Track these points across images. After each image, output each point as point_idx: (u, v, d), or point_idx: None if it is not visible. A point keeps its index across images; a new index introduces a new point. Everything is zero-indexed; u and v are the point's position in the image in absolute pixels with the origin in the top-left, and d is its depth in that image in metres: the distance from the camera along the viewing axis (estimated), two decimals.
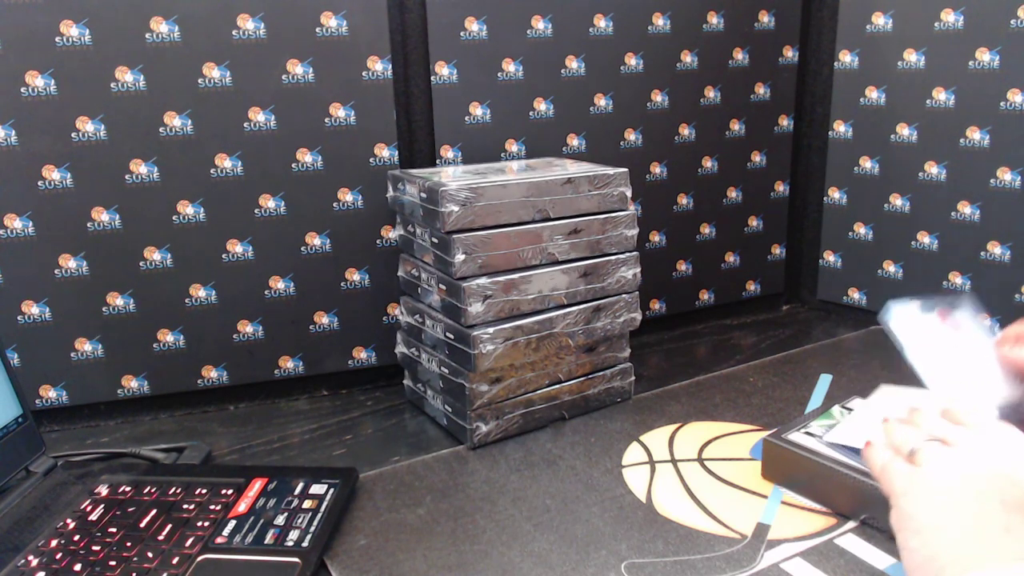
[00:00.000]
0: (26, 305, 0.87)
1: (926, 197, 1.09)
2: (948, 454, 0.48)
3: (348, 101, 0.93)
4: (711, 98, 1.12)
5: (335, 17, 0.90)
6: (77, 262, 0.88)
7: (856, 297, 1.19)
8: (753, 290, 1.24)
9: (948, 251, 1.08)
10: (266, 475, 0.75)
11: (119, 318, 0.90)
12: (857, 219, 1.17)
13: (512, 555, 0.65)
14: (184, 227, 0.90)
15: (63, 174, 0.85)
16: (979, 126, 1.02)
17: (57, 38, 0.82)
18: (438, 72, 0.96)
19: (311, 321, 0.98)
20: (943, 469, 0.47)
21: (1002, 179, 1.01)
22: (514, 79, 0.99)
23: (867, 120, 1.13)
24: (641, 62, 1.06)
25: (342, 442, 0.87)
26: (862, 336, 1.12)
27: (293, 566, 0.62)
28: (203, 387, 0.95)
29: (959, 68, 1.03)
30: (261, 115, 0.90)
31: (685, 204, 1.15)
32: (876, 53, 1.10)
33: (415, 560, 0.65)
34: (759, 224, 1.22)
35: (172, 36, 0.85)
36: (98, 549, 0.64)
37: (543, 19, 0.99)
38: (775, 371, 1.01)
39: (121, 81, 0.85)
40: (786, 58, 1.16)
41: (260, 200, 0.92)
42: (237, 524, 0.67)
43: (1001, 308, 1.03)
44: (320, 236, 0.95)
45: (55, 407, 0.91)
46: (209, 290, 0.93)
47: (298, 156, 0.92)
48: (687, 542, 0.66)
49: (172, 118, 0.87)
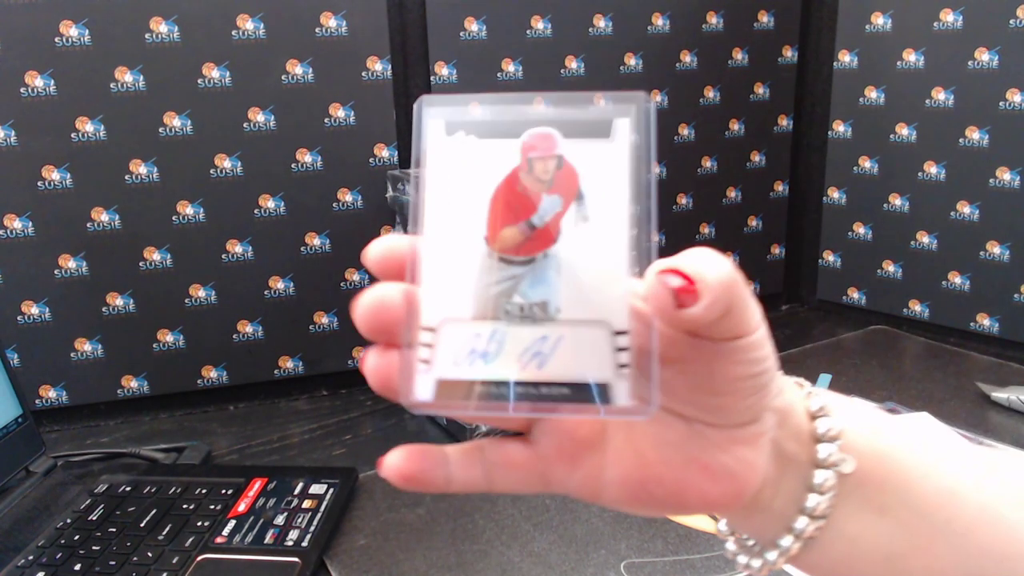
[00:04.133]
0: (26, 305, 0.87)
1: (925, 197, 1.09)
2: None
3: (348, 101, 0.93)
4: (711, 98, 1.12)
5: (335, 17, 0.90)
6: (77, 262, 0.88)
7: (856, 297, 1.19)
8: (753, 290, 1.24)
9: (947, 251, 1.08)
10: (266, 475, 0.75)
11: (119, 318, 0.90)
12: (856, 219, 1.17)
13: (512, 555, 0.65)
14: (184, 227, 0.90)
15: (63, 174, 0.85)
16: (978, 126, 1.02)
17: (57, 38, 0.82)
18: (438, 72, 0.96)
19: (311, 321, 0.98)
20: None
21: (1001, 179, 1.02)
22: (514, 79, 0.99)
23: (866, 120, 1.13)
24: (641, 62, 1.06)
25: (342, 442, 0.87)
26: (862, 336, 1.12)
27: (293, 566, 0.62)
28: (203, 387, 0.95)
29: (958, 68, 1.03)
30: (261, 115, 0.90)
31: (685, 204, 1.15)
32: (875, 53, 1.10)
33: (415, 560, 0.65)
34: (758, 224, 1.22)
35: (172, 36, 0.85)
36: (98, 549, 0.64)
37: (543, 19, 0.99)
38: None
39: (121, 81, 0.85)
40: (785, 58, 1.16)
41: (260, 200, 0.92)
42: (237, 524, 0.67)
43: (1001, 308, 1.04)
44: (320, 236, 0.95)
45: (55, 407, 0.91)
46: (209, 290, 0.93)
47: (298, 156, 0.92)
48: (687, 542, 0.66)
49: (172, 118, 0.87)
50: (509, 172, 0.27)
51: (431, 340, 0.27)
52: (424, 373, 0.27)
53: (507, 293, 0.27)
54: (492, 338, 0.27)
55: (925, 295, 1.11)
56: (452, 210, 0.28)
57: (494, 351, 0.27)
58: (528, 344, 0.27)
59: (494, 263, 0.27)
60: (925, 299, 1.11)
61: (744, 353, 0.28)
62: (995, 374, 0.96)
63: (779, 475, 0.31)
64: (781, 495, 0.31)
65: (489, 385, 0.27)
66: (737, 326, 0.27)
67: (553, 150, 0.28)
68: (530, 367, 0.27)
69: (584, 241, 0.27)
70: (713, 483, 0.30)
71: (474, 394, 0.27)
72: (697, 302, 0.25)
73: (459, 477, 0.30)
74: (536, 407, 0.27)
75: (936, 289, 1.09)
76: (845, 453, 0.31)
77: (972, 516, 0.32)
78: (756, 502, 0.31)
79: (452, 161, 0.28)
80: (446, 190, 0.27)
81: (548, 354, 0.27)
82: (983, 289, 1.05)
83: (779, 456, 0.31)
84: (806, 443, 0.31)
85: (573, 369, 0.27)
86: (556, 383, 0.27)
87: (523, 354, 0.27)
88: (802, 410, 0.32)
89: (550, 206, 0.27)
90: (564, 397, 0.27)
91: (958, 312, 1.08)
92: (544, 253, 0.27)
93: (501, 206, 0.27)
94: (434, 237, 0.27)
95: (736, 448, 0.30)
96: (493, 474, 0.30)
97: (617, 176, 0.27)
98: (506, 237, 0.27)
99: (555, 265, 0.27)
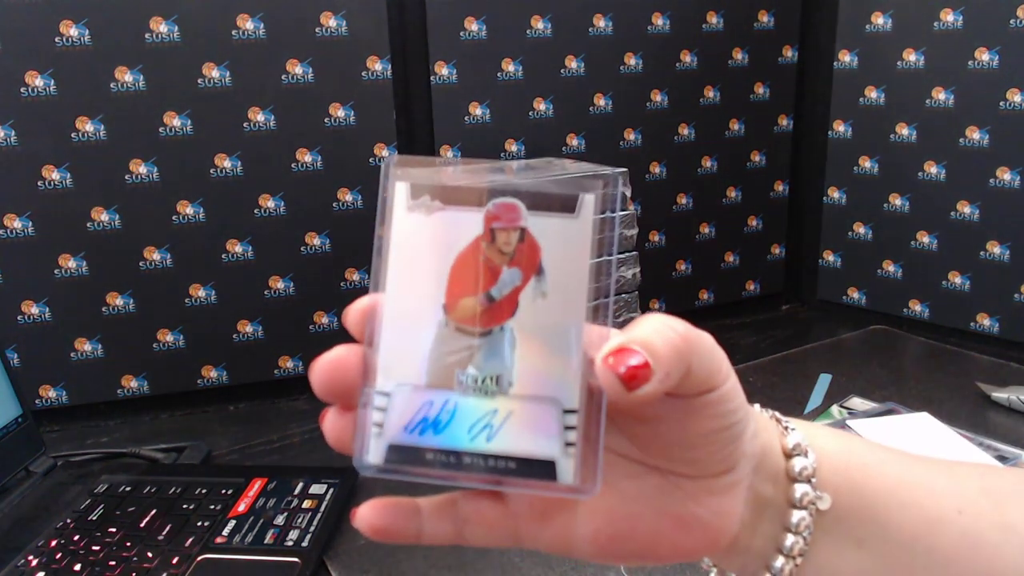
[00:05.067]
0: (26, 305, 0.87)
1: (926, 197, 1.09)
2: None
3: (348, 101, 0.93)
4: (711, 98, 1.12)
5: (335, 17, 0.90)
6: (77, 262, 0.88)
7: (856, 297, 1.19)
8: (753, 290, 1.24)
9: (948, 251, 1.08)
10: (266, 475, 0.75)
11: (119, 318, 0.90)
12: (857, 219, 1.17)
13: (512, 555, 0.65)
14: (184, 227, 0.90)
15: (63, 174, 0.85)
16: (978, 126, 1.02)
17: (57, 38, 0.82)
18: (438, 72, 0.96)
19: (311, 321, 0.98)
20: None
21: (1001, 179, 1.01)
22: (514, 79, 0.99)
23: (867, 120, 1.13)
24: (641, 62, 1.06)
25: None
26: (862, 336, 1.12)
27: (293, 566, 0.62)
28: (203, 387, 0.95)
29: (958, 68, 1.02)
30: (261, 115, 0.90)
31: (685, 204, 1.15)
32: (875, 53, 1.10)
33: (415, 560, 0.65)
34: (759, 224, 1.22)
35: (172, 36, 0.85)
36: (98, 549, 0.64)
37: (543, 19, 0.99)
38: (774, 371, 1.01)
39: (121, 81, 0.85)
40: (786, 58, 1.16)
41: (260, 200, 0.92)
42: (237, 524, 0.67)
43: (1001, 308, 1.03)
44: (320, 236, 0.95)
45: (55, 407, 0.91)
46: (209, 290, 0.93)
47: (298, 156, 0.92)
48: None
49: (172, 118, 0.87)
50: (471, 241, 0.28)
51: (385, 404, 0.27)
52: (376, 437, 0.27)
53: (462, 363, 0.27)
54: (444, 407, 0.27)
55: (925, 295, 1.11)
56: (413, 276, 0.28)
57: (445, 420, 0.27)
58: (479, 416, 0.27)
59: (451, 332, 0.27)
60: (925, 299, 1.11)
61: (715, 407, 0.28)
62: (995, 374, 0.96)
63: (756, 518, 0.31)
64: (759, 537, 0.31)
65: (439, 453, 0.27)
66: (703, 382, 0.27)
67: (517, 222, 0.28)
68: (479, 439, 0.27)
69: (541, 317, 0.27)
70: (686, 535, 0.30)
71: (424, 460, 0.27)
72: (650, 379, 0.25)
73: (430, 531, 0.30)
74: (484, 479, 0.27)
75: (936, 289, 1.09)
76: (821, 491, 0.31)
77: (953, 544, 0.31)
78: (734, 546, 0.31)
79: (415, 227, 0.28)
80: (408, 256, 0.28)
81: (498, 427, 0.27)
82: (983, 289, 1.05)
83: (756, 500, 0.31)
84: (782, 483, 0.31)
85: (522, 444, 0.27)
86: (504, 456, 0.27)
87: (474, 425, 0.27)
88: (778, 449, 0.32)
89: (509, 279, 0.28)
90: (511, 471, 0.27)
91: (958, 312, 1.08)
92: (501, 326, 0.27)
93: (461, 276, 0.28)
94: (394, 302, 0.28)
95: (711, 499, 0.30)
96: (464, 529, 0.30)
97: (579, 253, 0.27)
98: (464, 307, 0.28)
99: (510, 339, 0.27)
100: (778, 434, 0.32)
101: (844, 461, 0.32)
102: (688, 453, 0.29)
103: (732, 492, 0.30)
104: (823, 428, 0.34)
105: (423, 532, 0.30)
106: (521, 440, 0.27)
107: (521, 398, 0.27)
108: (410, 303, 0.28)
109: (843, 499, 0.31)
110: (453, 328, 0.27)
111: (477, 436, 0.27)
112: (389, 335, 0.28)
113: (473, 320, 0.27)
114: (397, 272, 0.28)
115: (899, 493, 0.32)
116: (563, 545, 0.31)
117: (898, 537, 0.31)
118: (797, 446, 0.31)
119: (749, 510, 0.31)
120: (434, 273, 0.27)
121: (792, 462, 0.31)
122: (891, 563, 0.32)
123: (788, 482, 0.31)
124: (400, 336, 0.28)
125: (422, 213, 0.28)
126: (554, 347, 0.27)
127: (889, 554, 0.32)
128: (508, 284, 0.28)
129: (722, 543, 0.31)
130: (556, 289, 0.27)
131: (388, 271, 0.28)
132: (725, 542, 0.31)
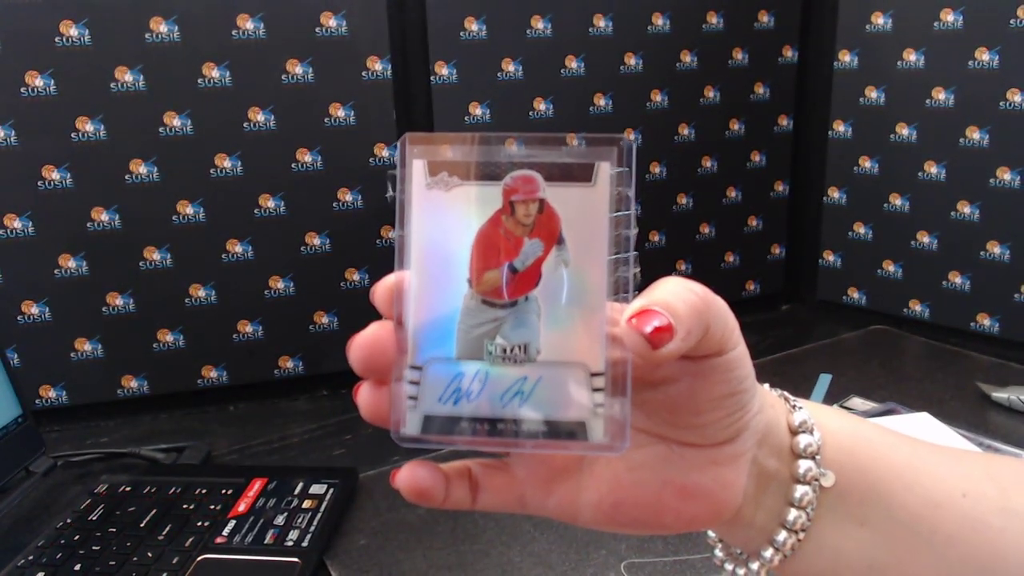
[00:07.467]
0: (26, 305, 0.87)
1: (926, 197, 1.09)
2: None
3: (348, 101, 0.93)
4: (711, 98, 1.12)
5: (335, 17, 0.90)
6: (77, 262, 0.88)
7: (856, 297, 1.19)
8: (753, 290, 1.24)
9: (948, 251, 1.08)
10: (266, 475, 0.75)
11: (119, 318, 0.90)
12: (857, 219, 1.17)
13: (512, 555, 0.65)
14: (184, 227, 0.90)
15: (63, 174, 0.85)
16: (979, 126, 1.02)
17: (57, 38, 0.82)
18: (438, 72, 0.96)
19: (311, 321, 0.98)
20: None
21: (1002, 179, 1.01)
22: (514, 79, 0.99)
23: (867, 120, 1.13)
24: (641, 62, 1.06)
25: (342, 442, 0.87)
26: (862, 336, 1.12)
27: (293, 566, 0.62)
28: (203, 387, 0.95)
29: (959, 68, 1.02)
30: (261, 115, 0.90)
31: (685, 204, 1.15)
32: (876, 53, 1.10)
33: (415, 560, 0.65)
34: (759, 224, 1.22)
35: (172, 36, 0.85)
36: (97, 549, 0.64)
37: (543, 19, 0.99)
38: (775, 371, 1.01)
39: (121, 81, 0.85)
40: (786, 58, 1.16)
41: (260, 200, 0.92)
42: (237, 524, 0.67)
43: (1001, 308, 1.03)
44: (320, 236, 0.95)
45: (55, 407, 0.91)
46: (209, 290, 0.93)
47: (298, 156, 0.92)
48: (687, 542, 0.66)
49: (172, 118, 0.87)
50: (492, 215, 0.28)
51: (418, 378, 0.28)
52: (412, 410, 0.28)
53: (490, 334, 0.28)
54: (475, 377, 0.28)
55: (925, 295, 1.11)
56: (436, 252, 0.29)
57: (477, 390, 0.28)
58: (510, 383, 0.28)
59: (477, 305, 0.28)
60: (925, 299, 1.11)
61: (724, 372, 0.29)
62: (995, 374, 0.96)
63: (760, 492, 0.32)
64: (763, 510, 0.32)
65: (473, 421, 0.28)
66: (718, 343, 0.28)
67: (535, 193, 0.28)
68: (511, 405, 0.28)
69: (564, 285, 0.28)
70: (689, 504, 0.31)
71: (458, 429, 0.28)
72: (672, 338, 0.26)
73: (452, 496, 0.31)
74: (517, 443, 0.28)
75: (936, 289, 1.09)
76: (825, 468, 0.31)
77: (955, 526, 0.32)
78: (738, 518, 0.32)
79: (435, 203, 0.28)
80: (429, 232, 0.28)
81: (528, 393, 0.28)
82: (983, 289, 1.05)
83: (760, 474, 0.31)
84: (787, 459, 0.32)
85: (552, 408, 0.28)
86: (535, 420, 0.28)
87: (505, 393, 0.28)
88: (784, 425, 0.32)
89: (531, 250, 0.28)
90: (543, 434, 0.28)
91: (958, 312, 1.08)
92: (526, 296, 0.28)
93: (483, 249, 0.28)
94: (419, 278, 0.28)
95: (714, 469, 0.30)
96: (477, 494, 0.32)
97: (597, 221, 0.28)
98: (489, 280, 0.28)
99: (536, 308, 0.28)
100: (785, 411, 0.33)
101: (850, 441, 0.32)
102: (695, 419, 0.30)
103: (736, 463, 0.31)
104: (832, 409, 0.34)
105: (448, 497, 0.31)
106: (551, 404, 0.28)
107: (549, 364, 0.28)
108: (435, 278, 0.29)
109: (847, 478, 0.32)
110: (479, 301, 0.28)
111: (509, 403, 0.28)
112: (417, 310, 0.29)
113: (498, 292, 0.28)
114: (420, 248, 0.28)
115: (904, 475, 0.32)
116: (568, 511, 0.32)
117: (901, 517, 0.32)
118: (803, 424, 0.32)
119: (753, 483, 0.31)
120: (457, 248, 0.28)
121: (797, 439, 0.32)
122: (893, 542, 0.32)
123: (792, 458, 0.32)
124: (428, 311, 0.29)
125: (441, 189, 0.28)
126: (578, 313, 0.28)
127: (891, 533, 0.32)
128: (530, 255, 0.28)
129: (725, 514, 0.31)
130: (577, 257, 0.28)
131: (411, 248, 0.29)
132: (728, 513, 0.31)
